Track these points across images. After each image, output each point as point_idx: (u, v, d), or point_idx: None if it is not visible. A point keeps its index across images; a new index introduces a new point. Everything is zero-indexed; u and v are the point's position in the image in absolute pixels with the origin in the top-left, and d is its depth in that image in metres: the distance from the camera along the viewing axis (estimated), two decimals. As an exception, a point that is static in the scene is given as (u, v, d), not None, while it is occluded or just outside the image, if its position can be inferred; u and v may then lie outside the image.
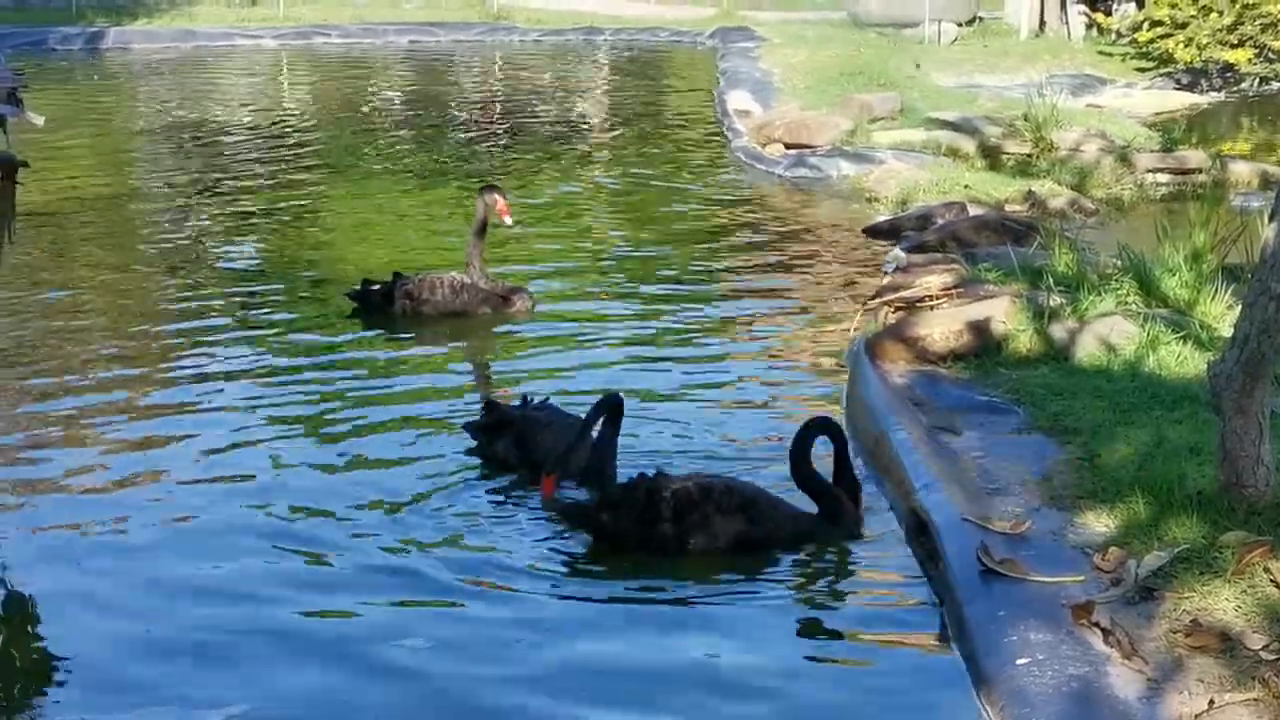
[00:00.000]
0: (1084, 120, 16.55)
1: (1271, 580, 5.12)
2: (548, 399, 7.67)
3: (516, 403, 7.62)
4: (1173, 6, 22.02)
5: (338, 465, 7.36)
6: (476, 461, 7.37)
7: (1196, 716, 4.48)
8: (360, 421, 8.01)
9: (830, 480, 6.57)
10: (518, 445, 7.22)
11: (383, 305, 10.11)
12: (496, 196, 10.31)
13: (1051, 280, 8.68)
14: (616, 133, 19.23)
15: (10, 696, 5.27)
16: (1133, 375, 7.49)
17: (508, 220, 10.54)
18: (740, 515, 6.30)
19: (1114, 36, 24.31)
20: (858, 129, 16.23)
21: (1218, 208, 10.25)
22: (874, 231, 12.50)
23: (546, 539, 6.47)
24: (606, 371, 8.91)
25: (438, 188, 15.13)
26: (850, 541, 6.46)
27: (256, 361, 9.19)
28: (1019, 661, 4.88)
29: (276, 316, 10.24)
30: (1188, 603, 5.09)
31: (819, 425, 6.67)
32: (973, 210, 12.20)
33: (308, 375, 8.95)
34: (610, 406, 6.99)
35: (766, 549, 6.32)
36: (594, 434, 6.98)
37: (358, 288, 10.24)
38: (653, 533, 6.24)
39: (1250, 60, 21.77)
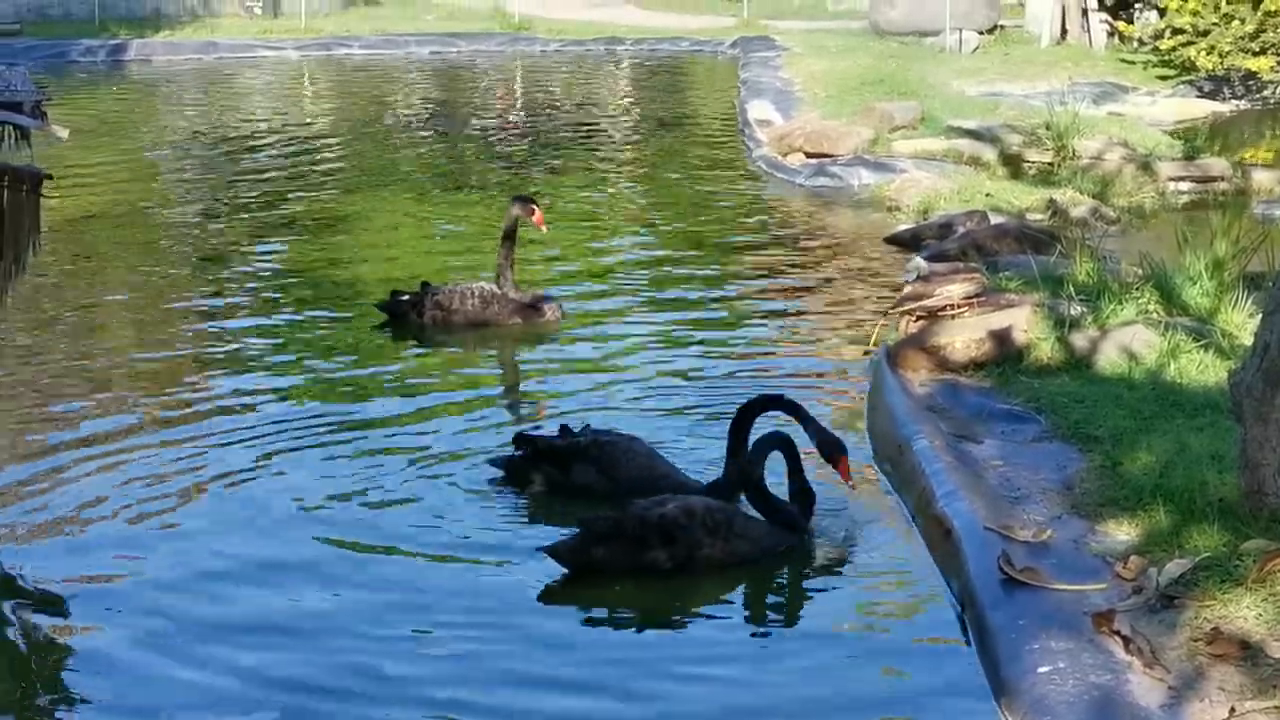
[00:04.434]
0: (1106, 128, 16.51)
1: (1293, 588, 5.13)
2: (588, 425, 7.43)
3: (554, 433, 7.32)
4: (1195, 14, 21.97)
5: (365, 478, 7.34)
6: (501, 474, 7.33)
7: (1218, 724, 4.49)
8: (390, 435, 7.98)
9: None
10: (601, 472, 7.01)
11: (412, 316, 10.08)
12: (532, 206, 10.31)
13: (1073, 289, 8.68)
14: (638, 142, 19.29)
15: (33, 696, 5.32)
16: (1154, 383, 7.49)
17: (544, 229, 10.60)
18: (729, 531, 6.28)
19: (1136, 44, 24.26)
20: (879, 138, 16.24)
21: (1239, 216, 10.27)
22: (895, 240, 12.52)
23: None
24: (636, 383, 8.92)
25: (462, 197, 15.19)
26: (868, 550, 6.49)
27: (284, 373, 9.22)
28: (1040, 670, 4.89)
29: (304, 328, 10.26)
30: (1209, 611, 5.09)
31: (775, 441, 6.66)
32: (994, 219, 12.19)
33: (337, 387, 8.96)
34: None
35: (753, 562, 6.31)
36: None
37: (386, 299, 10.23)
38: (645, 560, 6.16)
39: (1272, 68, 21.70)
